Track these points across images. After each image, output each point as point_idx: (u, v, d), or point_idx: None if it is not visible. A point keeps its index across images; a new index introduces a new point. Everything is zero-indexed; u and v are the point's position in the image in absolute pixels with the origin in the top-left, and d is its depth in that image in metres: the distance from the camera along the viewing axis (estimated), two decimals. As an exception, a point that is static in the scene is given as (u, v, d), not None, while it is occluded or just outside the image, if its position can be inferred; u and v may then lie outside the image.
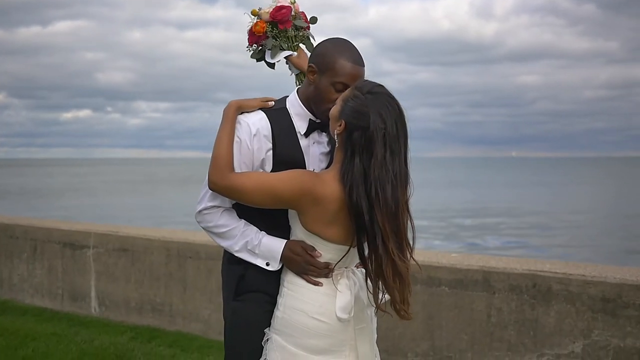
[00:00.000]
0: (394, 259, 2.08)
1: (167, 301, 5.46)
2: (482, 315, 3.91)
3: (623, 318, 3.48)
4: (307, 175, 2.16)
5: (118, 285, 5.79)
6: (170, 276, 5.43)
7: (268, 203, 2.18)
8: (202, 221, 2.34)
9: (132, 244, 5.68)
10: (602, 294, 3.53)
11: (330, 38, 2.33)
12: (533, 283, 3.74)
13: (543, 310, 3.71)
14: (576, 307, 3.60)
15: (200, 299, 5.25)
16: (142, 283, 5.62)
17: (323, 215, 2.13)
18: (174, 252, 5.40)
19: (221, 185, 2.19)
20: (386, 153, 2.07)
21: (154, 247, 5.53)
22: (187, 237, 5.46)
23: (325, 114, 2.25)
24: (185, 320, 5.36)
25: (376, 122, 2.07)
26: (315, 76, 2.28)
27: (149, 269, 5.57)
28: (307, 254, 2.19)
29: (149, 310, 5.58)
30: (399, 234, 2.10)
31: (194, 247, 5.29)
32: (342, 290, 2.20)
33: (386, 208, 2.06)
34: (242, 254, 2.28)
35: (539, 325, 3.72)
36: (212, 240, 5.34)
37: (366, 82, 2.17)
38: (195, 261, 5.27)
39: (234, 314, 2.34)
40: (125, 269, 5.73)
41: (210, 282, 5.18)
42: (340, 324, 2.18)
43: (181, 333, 5.32)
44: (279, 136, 2.30)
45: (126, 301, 5.74)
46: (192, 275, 5.30)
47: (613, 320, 3.50)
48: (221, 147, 2.22)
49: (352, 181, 2.08)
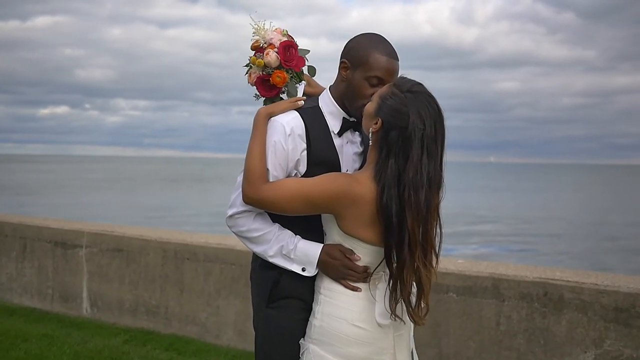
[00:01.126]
0: (417, 264, 2.02)
1: (163, 303, 5.35)
2: (491, 323, 3.86)
3: (636, 328, 3.44)
4: (342, 178, 2.10)
5: (111, 286, 5.66)
6: (167, 278, 5.32)
7: (305, 210, 2.11)
8: (234, 225, 2.24)
9: (128, 244, 5.56)
10: (615, 304, 3.49)
11: (362, 33, 2.26)
12: (544, 291, 3.69)
13: (554, 319, 3.66)
14: (588, 317, 3.56)
15: (197, 301, 5.15)
16: (137, 284, 5.50)
17: (362, 217, 2.06)
18: (170, 253, 5.29)
19: (255, 198, 2.12)
20: (423, 155, 2.01)
21: (150, 247, 5.42)
22: (184, 238, 5.35)
23: (360, 110, 2.18)
24: (181, 323, 5.25)
25: (415, 123, 2.00)
26: (348, 72, 2.21)
27: (144, 270, 5.46)
28: (345, 257, 2.11)
29: (144, 313, 5.47)
30: (427, 239, 2.05)
31: (191, 249, 5.18)
32: (381, 295, 2.13)
33: (417, 212, 2.01)
34: (277, 259, 2.19)
35: (549, 334, 3.68)
36: (209, 242, 5.23)
37: (405, 80, 2.10)
38: (193, 263, 5.17)
39: (268, 321, 2.25)
40: (119, 269, 5.61)
41: (208, 285, 5.08)
42: (380, 330, 2.11)
43: (177, 336, 5.21)
44: (314, 136, 2.22)
45: (120, 302, 5.61)
46: (189, 277, 5.19)
47: (626, 330, 3.47)
48: (253, 159, 2.14)
49: (385, 182, 2.02)
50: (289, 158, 2.19)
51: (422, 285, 2.08)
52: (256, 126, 2.20)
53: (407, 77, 2.12)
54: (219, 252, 5.03)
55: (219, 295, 5.03)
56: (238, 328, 4.92)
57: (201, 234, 5.64)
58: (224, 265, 4.99)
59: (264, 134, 2.18)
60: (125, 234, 5.66)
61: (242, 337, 4.91)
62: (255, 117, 2.22)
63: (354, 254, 2.12)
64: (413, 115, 2.00)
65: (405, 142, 2.01)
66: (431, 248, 2.07)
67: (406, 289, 2.05)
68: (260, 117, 2.20)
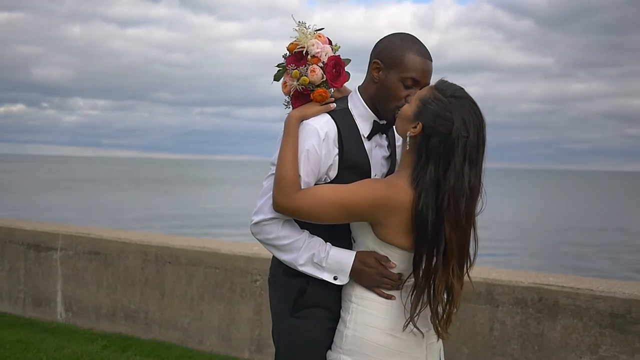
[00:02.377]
0: (450, 274, 1.97)
1: (143, 308, 5.21)
2: (485, 328, 3.84)
3: (632, 334, 3.46)
4: (380, 185, 2.03)
5: (88, 290, 5.49)
6: (147, 282, 5.18)
7: (341, 219, 2.04)
8: (260, 232, 2.14)
9: (105, 247, 5.41)
10: (610, 309, 3.50)
11: (395, 32, 2.20)
12: (539, 297, 3.69)
13: (549, 325, 3.66)
14: (584, 322, 3.57)
15: (179, 306, 5.02)
16: (115, 288, 5.35)
17: (401, 224, 2.00)
18: (151, 256, 5.15)
19: (288, 207, 2.03)
20: (465, 163, 1.95)
21: (130, 250, 5.27)
22: (165, 241, 5.21)
23: (392, 113, 2.11)
24: (162, 328, 5.12)
25: (459, 129, 1.94)
26: (380, 73, 2.13)
27: (123, 274, 5.31)
28: (380, 265, 2.05)
29: (122, 317, 5.32)
30: (463, 250, 2.00)
31: (173, 252, 5.06)
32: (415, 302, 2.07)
33: (456, 221, 1.95)
34: (307, 267, 2.10)
35: (544, 340, 3.67)
36: (192, 245, 5.10)
37: (447, 84, 2.04)
38: (175, 266, 5.04)
39: (293, 332, 2.16)
40: (96, 273, 5.44)
41: (191, 289, 4.96)
42: (414, 339, 2.06)
43: (157, 342, 5.08)
44: (346, 140, 2.14)
45: (96, 307, 5.45)
46: (170, 281, 5.07)
47: (621, 336, 3.48)
48: (285, 166, 2.05)
49: (422, 188, 1.96)
50: (322, 163, 2.11)
51: (452, 297, 2.02)
52: (288, 131, 2.10)
53: (448, 81, 2.05)
54: (202, 256, 4.92)
55: (202, 300, 4.91)
56: (222, 333, 4.82)
57: (183, 237, 5.52)
58: (208, 269, 4.88)
59: (296, 139, 2.09)
60: (103, 236, 5.50)
61: (225, 343, 4.81)
62: (287, 121, 2.13)
63: (389, 261, 2.06)
64: (457, 122, 1.95)
65: (447, 148, 1.95)
66: (467, 259, 2.03)
67: (437, 299, 1.99)
68: (293, 121, 2.11)
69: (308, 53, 2.13)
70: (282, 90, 2.20)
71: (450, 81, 2.05)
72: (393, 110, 2.12)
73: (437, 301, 2.00)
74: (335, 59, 2.15)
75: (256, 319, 4.67)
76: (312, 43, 2.12)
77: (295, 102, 2.18)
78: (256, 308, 4.67)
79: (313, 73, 2.11)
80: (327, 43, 2.18)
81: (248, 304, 4.71)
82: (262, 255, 4.68)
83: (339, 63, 2.16)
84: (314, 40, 2.13)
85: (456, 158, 1.94)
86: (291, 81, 2.15)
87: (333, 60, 2.14)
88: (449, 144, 1.95)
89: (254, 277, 4.68)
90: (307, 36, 2.13)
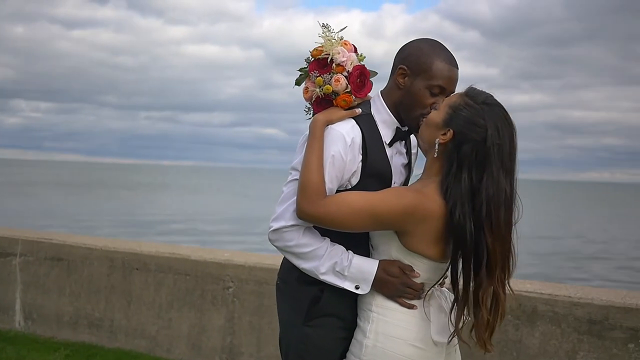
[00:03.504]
0: (495, 285, 1.95)
1: (108, 316, 5.06)
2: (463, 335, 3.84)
3: (609, 340, 3.51)
4: (410, 193, 1.98)
5: (49, 297, 5.31)
6: (112, 289, 5.03)
7: (367, 227, 1.99)
8: (279, 240, 2.06)
9: (69, 252, 5.23)
10: (588, 316, 3.55)
11: (421, 38, 2.16)
12: (518, 303, 3.71)
13: (527, 331, 3.69)
14: (562, 329, 3.61)
15: (147, 314, 4.89)
16: (79, 296, 5.18)
17: (430, 233, 1.96)
18: (118, 262, 5.01)
19: (314, 214, 1.96)
20: (500, 171, 1.92)
21: (94, 256, 5.12)
22: (132, 248, 5.07)
23: (417, 120, 2.07)
24: (128, 336, 4.97)
25: (493, 137, 1.92)
26: (406, 79, 2.08)
27: (87, 281, 5.15)
28: (404, 275, 2.00)
29: (85, 326, 5.15)
30: (506, 259, 1.97)
31: (141, 258, 4.93)
32: (435, 311, 2.04)
33: (498, 230, 1.92)
34: (328, 276, 2.03)
35: (522, 347, 3.70)
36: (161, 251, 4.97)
37: (478, 91, 2.01)
38: (143, 273, 4.91)
39: (305, 341, 2.10)
40: (58, 280, 5.26)
41: (160, 296, 4.84)
42: (435, 349, 2.02)
43: (123, 351, 4.93)
44: (370, 146, 2.08)
45: (58, 315, 5.27)
46: (138, 288, 4.93)
47: (599, 342, 3.53)
48: (310, 171, 1.98)
49: (457, 197, 1.92)
50: (346, 169, 2.05)
51: (499, 307, 1.99)
52: (314, 135, 2.03)
53: (477, 88, 2.03)
54: (172, 262, 4.81)
55: (172, 307, 4.80)
56: (192, 342, 4.72)
57: (151, 243, 5.38)
58: (178, 276, 4.77)
59: (322, 144, 2.03)
60: (66, 242, 5.32)
61: (195, 351, 4.70)
62: (312, 125, 2.06)
63: (414, 270, 2.02)
64: (490, 129, 1.92)
65: (482, 156, 1.92)
66: (508, 269, 2.00)
67: (481, 311, 1.96)
68: (319, 125, 2.04)
69: (333, 61, 2.07)
70: (303, 96, 2.15)
71: (480, 89, 2.03)
72: (417, 118, 2.08)
73: (481, 312, 1.97)
74: (361, 69, 2.10)
75: (228, 327, 4.58)
76: (337, 51, 2.06)
77: (317, 107, 2.13)
78: (228, 315, 4.58)
79: (337, 83, 2.06)
80: (353, 51, 2.13)
81: (219, 311, 4.61)
82: (235, 261, 4.60)
83: (364, 73, 2.11)
84: (340, 48, 2.07)
85: (493, 166, 1.91)
86: (313, 87, 2.09)
87: (358, 70, 2.09)
88: (484, 151, 1.92)
89: (226, 284, 4.59)
90: (332, 43, 2.07)
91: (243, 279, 4.53)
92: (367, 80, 2.12)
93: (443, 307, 2.07)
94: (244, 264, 4.55)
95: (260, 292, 4.45)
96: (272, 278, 4.43)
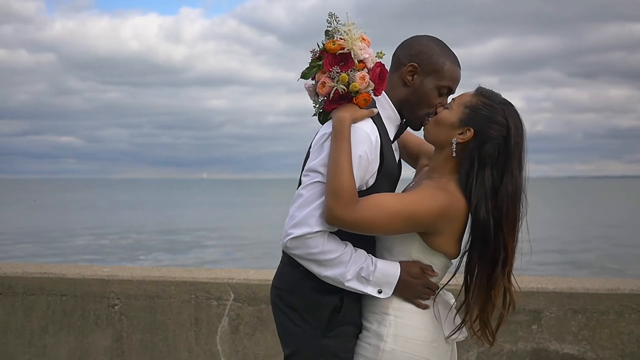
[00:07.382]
0: (507, 282, 1.99)
1: (-35, 349, 4.45)
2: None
3: (514, 324, 3.72)
4: (441, 193, 1.95)
5: None
6: (-30, 318, 4.44)
7: (401, 230, 1.93)
8: (300, 247, 1.90)
9: None
10: (495, 302, 3.73)
11: (425, 35, 2.11)
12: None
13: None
14: (470, 317, 3.76)
15: (16, 342, 4.36)
16: None
17: (456, 232, 1.97)
18: (-25, 288, 4.42)
19: (350, 220, 1.85)
20: (519, 169, 1.97)
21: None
22: (-9, 270, 4.51)
23: (421, 119, 2.05)
24: (-8, 370, 4.41)
25: (516, 136, 1.96)
26: (415, 77, 2.04)
27: None
28: (424, 275, 1.95)
29: (-64, 363, 4.49)
30: (514, 255, 2.01)
31: (5, 281, 4.38)
32: (443, 309, 2.04)
33: (514, 227, 1.97)
34: (353, 282, 1.92)
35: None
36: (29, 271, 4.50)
37: (490, 91, 2.03)
38: (9, 297, 4.37)
39: (325, 354, 1.97)
40: None
41: (30, 322, 4.34)
42: (446, 347, 2.04)
43: (-13, 386, 4.38)
44: (384, 146, 2.02)
45: None
46: (3, 314, 4.38)
47: (504, 327, 3.68)
48: (342, 174, 1.85)
49: (480, 196, 1.93)
50: (368, 170, 1.97)
51: (510, 300, 2.03)
52: (342, 135, 1.91)
53: (488, 88, 2.05)
54: (43, 282, 4.33)
55: (46, 333, 4.32)
56: (72, 368, 4.29)
57: (16, 263, 4.80)
58: (52, 298, 4.32)
59: (350, 145, 1.91)
60: None
61: (77, 378, 4.29)
62: (338, 124, 1.93)
63: (434, 270, 2.01)
64: (514, 128, 1.96)
65: (505, 154, 1.95)
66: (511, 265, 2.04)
67: (493, 305, 1.99)
68: (347, 124, 1.92)
69: (355, 57, 1.96)
70: (319, 90, 2.00)
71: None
72: (422, 117, 2.06)
73: (492, 307, 1.98)
74: (381, 67, 2.03)
75: (115, 348, 4.23)
76: (360, 47, 1.96)
77: (331, 104, 2.00)
78: (115, 335, 4.23)
79: (363, 81, 1.95)
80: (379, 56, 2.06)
81: (105, 332, 4.24)
82: (119, 276, 4.26)
83: (383, 72, 2.03)
84: (362, 44, 1.97)
85: (514, 164, 1.95)
86: (330, 82, 1.96)
87: (379, 68, 2.01)
88: (508, 149, 1.95)
89: (111, 302, 4.24)
90: (353, 38, 1.96)
91: (131, 294, 4.21)
92: (385, 79, 2.06)
93: (449, 303, 2.09)
94: (131, 278, 4.23)
95: (152, 307, 4.17)
96: (163, 291, 4.18)
